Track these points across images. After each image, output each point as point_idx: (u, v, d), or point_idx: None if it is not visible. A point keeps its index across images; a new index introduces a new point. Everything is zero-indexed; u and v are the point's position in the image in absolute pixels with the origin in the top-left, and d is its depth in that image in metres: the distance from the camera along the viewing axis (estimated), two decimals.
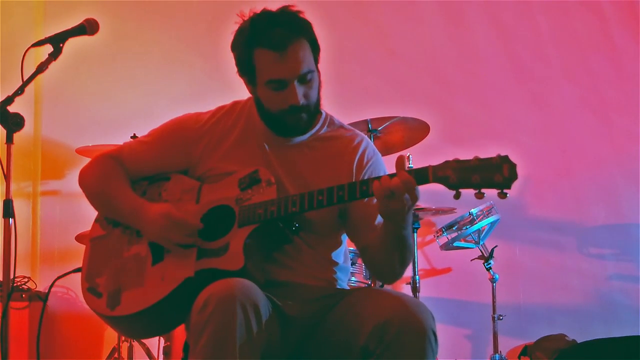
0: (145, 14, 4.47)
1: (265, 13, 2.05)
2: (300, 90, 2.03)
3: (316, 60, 2.09)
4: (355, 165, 2.15)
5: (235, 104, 2.25)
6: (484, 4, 4.65)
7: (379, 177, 1.86)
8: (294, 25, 2.02)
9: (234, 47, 2.11)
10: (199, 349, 1.79)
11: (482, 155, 1.80)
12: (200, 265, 2.00)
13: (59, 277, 2.70)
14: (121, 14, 4.36)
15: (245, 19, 2.08)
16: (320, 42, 2.09)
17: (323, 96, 2.14)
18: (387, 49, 4.55)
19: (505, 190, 1.75)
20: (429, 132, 3.75)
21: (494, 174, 1.75)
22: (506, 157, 1.77)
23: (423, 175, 1.82)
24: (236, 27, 2.11)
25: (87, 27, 2.37)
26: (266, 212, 1.98)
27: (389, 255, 2.02)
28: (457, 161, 1.80)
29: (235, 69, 2.14)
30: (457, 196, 1.79)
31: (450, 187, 1.79)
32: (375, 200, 1.93)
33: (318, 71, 2.10)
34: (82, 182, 2.28)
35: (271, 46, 2.00)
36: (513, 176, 1.74)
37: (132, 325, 2.15)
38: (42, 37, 2.32)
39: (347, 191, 1.90)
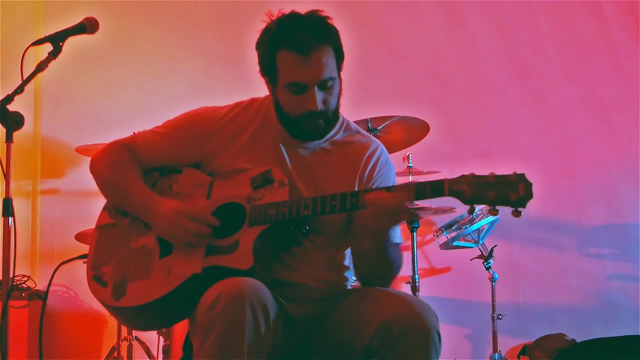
0: (145, 13, 4.47)
1: (294, 15, 2.04)
2: (319, 96, 2.03)
3: (339, 68, 2.08)
4: (366, 174, 2.15)
5: (253, 100, 2.24)
6: (484, 4, 4.65)
7: (385, 188, 1.88)
8: (321, 30, 2.02)
9: (259, 45, 2.10)
10: (207, 348, 1.78)
11: (498, 171, 1.79)
12: (208, 262, 1.99)
13: (63, 263, 2.69)
14: (121, 13, 4.36)
15: (273, 19, 2.07)
16: None
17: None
18: (387, 48, 4.56)
19: (519, 209, 1.75)
20: (428, 131, 3.75)
21: (510, 192, 1.75)
22: (523, 175, 1.76)
23: (438, 188, 1.82)
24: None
25: (87, 26, 2.37)
26: (278, 213, 1.97)
27: (375, 263, 2.05)
28: (473, 176, 1.79)
29: (257, 68, 2.12)
30: (471, 211, 1.80)
31: (464, 202, 1.79)
32: None
33: (340, 79, 2.09)
34: (93, 170, 2.25)
35: (296, 49, 1.99)
36: (529, 195, 1.74)
37: (135, 317, 2.14)
38: (42, 36, 2.32)
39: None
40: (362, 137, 2.22)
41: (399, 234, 2.17)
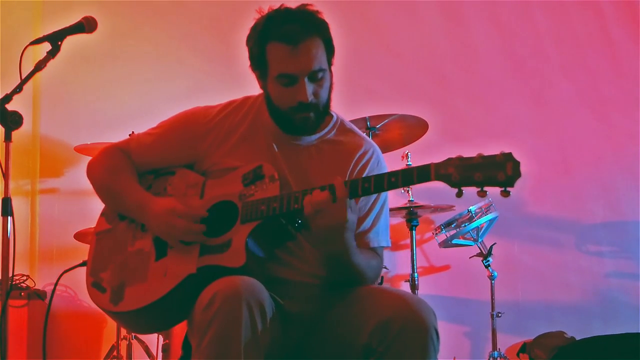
0: (144, 13, 4.47)
1: (283, 9, 2.05)
2: (309, 87, 2.03)
3: (330, 62, 2.08)
4: (355, 173, 2.14)
5: (246, 99, 2.24)
6: (482, 2, 4.64)
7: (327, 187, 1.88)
8: (309, 22, 2.02)
9: (248, 40, 2.11)
10: (204, 347, 1.78)
11: (485, 153, 1.77)
12: (202, 262, 1.99)
13: (65, 271, 2.70)
14: (119, 13, 4.36)
15: (263, 14, 2.07)
16: None
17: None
18: (386, 47, 4.55)
19: (508, 189, 1.72)
20: (427, 129, 3.75)
21: (497, 172, 1.72)
22: (510, 154, 1.74)
23: (425, 173, 1.80)
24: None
25: (86, 25, 2.37)
26: (269, 209, 1.97)
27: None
28: (459, 158, 1.77)
29: (248, 64, 2.13)
30: (459, 194, 1.77)
31: (452, 185, 1.77)
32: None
33: (331, 72, 2.09)
34: (90, 174, 2.27)
35: (284, 40, 1.99)
36: (516, 174, 1.71)
37: (135, 321, 2.15)
38: (41, 35, 2.32)
39: (349, 190, 1.89)
40: (355, 136, 2.22)
41: (383, 236, 2.16)
